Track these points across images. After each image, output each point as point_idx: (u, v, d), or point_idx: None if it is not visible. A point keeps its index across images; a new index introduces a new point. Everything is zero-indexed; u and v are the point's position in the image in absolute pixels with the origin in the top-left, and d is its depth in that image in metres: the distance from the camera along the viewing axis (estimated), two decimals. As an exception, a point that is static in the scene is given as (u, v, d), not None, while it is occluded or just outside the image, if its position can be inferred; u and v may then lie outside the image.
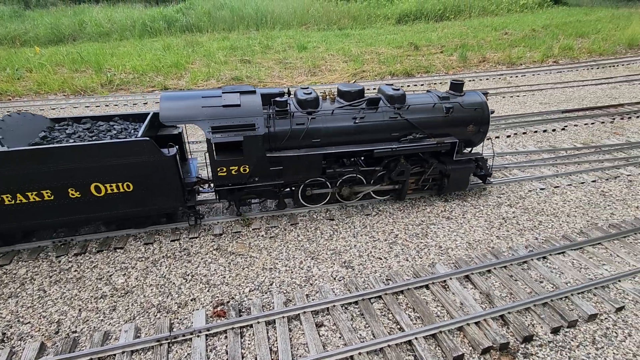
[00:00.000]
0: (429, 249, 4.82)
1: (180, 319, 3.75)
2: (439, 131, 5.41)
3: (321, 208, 5.62)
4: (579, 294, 3.95)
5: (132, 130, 4.93)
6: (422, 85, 12.50)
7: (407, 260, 4.63)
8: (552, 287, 4.07)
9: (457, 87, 5.60)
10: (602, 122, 8.88)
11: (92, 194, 4.37)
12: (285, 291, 4.12)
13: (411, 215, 5.54)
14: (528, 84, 12.16)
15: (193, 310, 3.84)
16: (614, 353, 3.40)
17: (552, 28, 18.42)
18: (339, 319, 3.67)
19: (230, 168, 4.68)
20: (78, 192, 4.32)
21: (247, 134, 4.54)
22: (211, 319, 3.75)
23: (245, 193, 5.17)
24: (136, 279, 4.29)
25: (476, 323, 3.61)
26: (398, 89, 5.39)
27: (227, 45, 17.01)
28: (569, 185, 6.22)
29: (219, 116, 4.48)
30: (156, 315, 3.80)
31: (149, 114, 5.19)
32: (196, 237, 4.98)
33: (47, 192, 4.22)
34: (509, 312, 3.71)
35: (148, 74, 13.01)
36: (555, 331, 3.58)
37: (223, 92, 4.75)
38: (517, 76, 13.06)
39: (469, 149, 5.98)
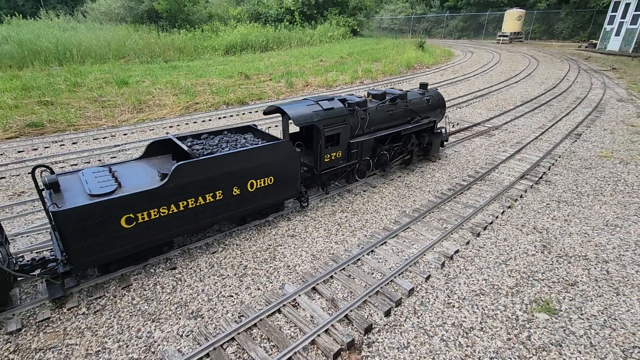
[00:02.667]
0: (278, 272, 4.91)
1: None
2: (426, 115, 8.00)
3: (159, 259, 5.05)
4: (399, 275, 4.71)
5: (249, 138, 5.85)
6: (256, 112, 13.01)
7: (259, 289, 4.59)
8: (381, 276, 4.72)
9: (424, 86, 8.40)
10: (399, 128, 11.12)
11: (248, 189, 5.27)
12: (119, 373, 3.45)
13: (258, 241, 5.56)
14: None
15: None
16: (429, 316, 4.16)
17: (355, 55, 22.28)
18: (189, 381, 3.29)
19: (332, 154, 6.35)
20: (239, 190, 5.17)
21: (343, 127, 6.28)
22: None
23: (328, 176, 6.71)
24: None
25: (325, 331, 3.83)
26: (401, 90, 7.77)
27: (17, 85, 13.82)
28: (383, 183, 7.47)
29: (326, 117, 6.02)
30: None
31: (249, 125, 6.29)
32: (-24, 346, 3.68)
33: (219, 192, 4.96)
34: (351, 310, 4.09)
35: None
36: (387, 314, 4.14)
37: (316, 101, 6.19)
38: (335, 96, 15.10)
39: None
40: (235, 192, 5.12)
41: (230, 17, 34.16)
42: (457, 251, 5.23)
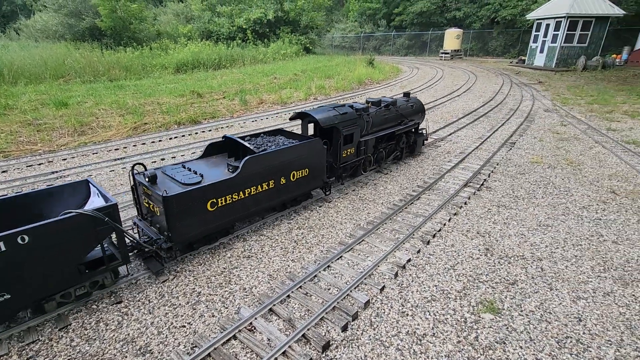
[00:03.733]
0: (234, 296, 4.78)
1: None
2: (412, 118, 9.37)
3: (103, 293, 4.71)
4: (355, 288, 4.79)
5: (284, 139, 6.86)
6: (209, 130, 12.76)
7: (214, 315, 4.43)
8: (337, 290, 4.77)
9: (407, 95, 9.83)
10: (353, 143, 11.45)
11: (290, 179, 6.28)
12: None
13: (212, 265, 5.39)
14: (299, 119, 14.38)
15: None
16: (385, 327, 4.26)
17: (308, 72, 22.77)
18: None
19: (348, 150, 7.52)
20: (285, 179, 6.19)
21: (355, 128, 7.46)
22: None
23: (342, 170, 7.76)
24: None
25: (283, 353, 3.78)
26: (392, 97, 9.15)
27: None
28: (338, 197, 7.61)
29: (343, 120, 7.21)
30: None
31: (280, 129, 7.37)
32: None
33: (272, 181, 5.96)
34: (308, 329, 4.08)
35: None
36: (344, 329, 4.18)
37: (333, 108, 7.38)
38: (289, 113, 15.25)
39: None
40: (282, 181, 6.14)
41: (181, 35, 33.53)
42: (409, 260, 5.44)
